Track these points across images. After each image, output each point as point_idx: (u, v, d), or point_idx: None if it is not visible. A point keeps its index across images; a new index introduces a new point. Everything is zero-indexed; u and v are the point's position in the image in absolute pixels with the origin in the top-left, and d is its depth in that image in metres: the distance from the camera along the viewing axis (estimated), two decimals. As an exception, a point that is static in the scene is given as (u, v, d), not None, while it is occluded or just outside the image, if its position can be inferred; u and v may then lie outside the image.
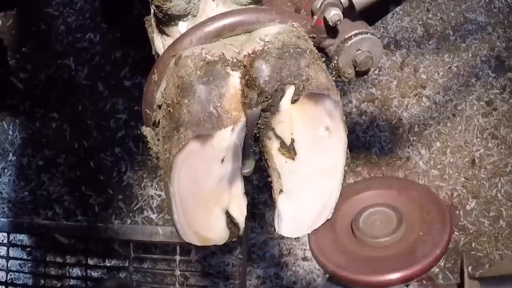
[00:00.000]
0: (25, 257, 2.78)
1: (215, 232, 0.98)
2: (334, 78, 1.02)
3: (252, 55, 0.90)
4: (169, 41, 0.99)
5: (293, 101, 0.90)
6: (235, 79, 0.89)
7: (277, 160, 0.96)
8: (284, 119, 0.92)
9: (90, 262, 2.71)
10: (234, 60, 0.90)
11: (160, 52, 1.01)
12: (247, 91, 0.88)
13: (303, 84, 0.90)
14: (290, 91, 0.90)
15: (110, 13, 2.88)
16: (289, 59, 0.90)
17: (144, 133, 0.98)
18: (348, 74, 1.03)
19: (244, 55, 0.91)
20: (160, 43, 1.03)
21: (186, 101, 0.87)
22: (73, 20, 2.96)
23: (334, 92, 0.92)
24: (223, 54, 0.90)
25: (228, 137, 0.88)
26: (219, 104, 0.87)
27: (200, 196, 0.93)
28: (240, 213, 0.98)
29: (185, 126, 0.86)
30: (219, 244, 1.00)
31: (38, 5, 2.97)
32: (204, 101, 0.86)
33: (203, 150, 0.87)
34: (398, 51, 3.10)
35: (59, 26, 2.96)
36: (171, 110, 0.89)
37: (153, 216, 2.78)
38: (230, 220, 0.98)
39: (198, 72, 0.87)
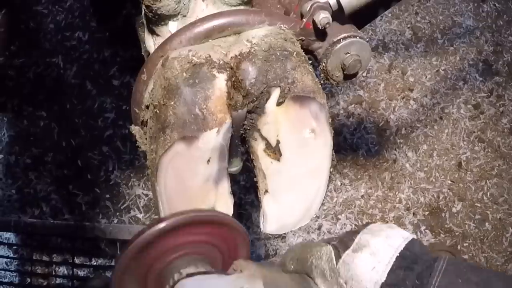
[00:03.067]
0: (11, 255, 2.77)
1: (202, 230, 0.99)
2: (322, 81, 1.02)
3: (239, 57, 0.90)
4: (159, 40, 0.99)
5: (279, 104, 0.91)
6: (221, 81, 0.89)
7: (263, 160, 0.96)
8: (269, 121, 0.92)
9: (77, 261, 2.70)
10: (221, 62, 0.90)
11: (151, 51, 1.02)
12: (233, 93, 0.89)
13: (288, 87, 0.90)
14: (275, 93, 0.90)
15: (99, 12, 2.87)
16: (275, 62, 0.90)
17: (133, 132, 0.99)
18: (337, 77, 1.04)
19: (231, 57, 0.91)
20: (151, 42, 1.03)
21: (172, 103, 0.87)
22: (62, 18, 2.95)
23: (320, 95, 0.93)
24: (209, 56, 0.90)
25: (213, 139, 0.89)
26: (204, 106, 0.87)
27: (187, 195, 0.94)
28: (226, 212, 0.98)
29: (171, 127, 0.87)
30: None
31: (27, 3, 2.96)
32: (190, 103, 0.87)
33: (189, 151, 0.88)
34: (386, 53, 3.11)
35: (48, 24, 2.95)
36: (158, 112, 0.89)
37: (140, 215, 2.77)
38: (217, 219, 0.99)
39: (184, 74, 0.88)
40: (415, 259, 0.85)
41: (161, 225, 0.86)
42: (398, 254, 0.84)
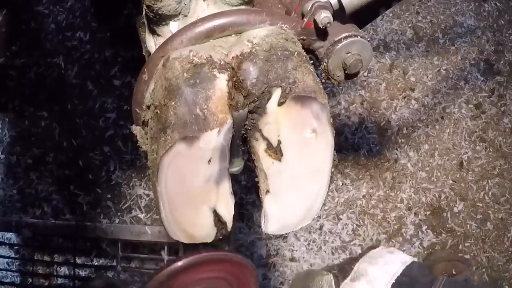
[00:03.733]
0: (12, 255, 2.77)
1: (203, 230, 0.99)
2: (323, 81, 1.02)
3: (240, 57, 0.90)
4: (160, 40, 0.99)
5: (280, 104, 0.91)
6: (222, 82, 0.89)
7: (264, 161, 0.96)
8: (271, 121, 0.92)
9: (78, 261, 2.70)
10: (222, 62, 0.90)
11: (152, 51, 1.01)
12: (234, 93, 0.89)
13: (290, 87, 0.90)
14: (277, 93, 0.90)
15: (100, 12, 2.87)
16: (277, 62, 0.90)
17: (134, 132, 0.98)
18: (338, 76, 1.03)
19: (232, 57, 0.91)
20: (152, 43, 1.03)
21: (173, 103, 0.87)
22: (63, 18, 2.95)
23: (321, 95, 0.92)
24: (210, 56, 0.90)
25: (214, 139, 0.88)
26: (205, 107, 0.87)
27: (188, 195, 0.94)
28: (227, 212, 0.98)
29: (172, 128, 0.87)
30: (207, 242, 1.00)
31: (28, 3, 2.96)
32: (191, 103, 0.87)
33: (190, 152, 0.88)
34: (387, 53, 3.11)
35: (49, 24, 2.95)
36: (158, 112, 0.89)
37: (142, 215, 2.77)
38: (218, 219, 0.98)
39: (185, 75, 0.88)
40: (412, 283, 0.85)
41: (178, 264, 0.89)
42: (394, 281, 0.85)
